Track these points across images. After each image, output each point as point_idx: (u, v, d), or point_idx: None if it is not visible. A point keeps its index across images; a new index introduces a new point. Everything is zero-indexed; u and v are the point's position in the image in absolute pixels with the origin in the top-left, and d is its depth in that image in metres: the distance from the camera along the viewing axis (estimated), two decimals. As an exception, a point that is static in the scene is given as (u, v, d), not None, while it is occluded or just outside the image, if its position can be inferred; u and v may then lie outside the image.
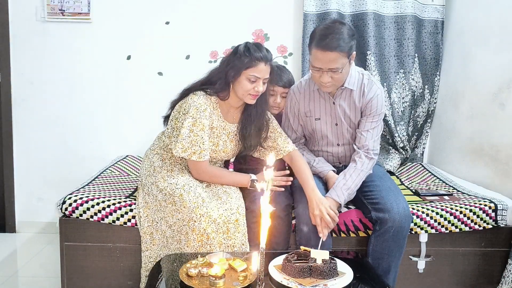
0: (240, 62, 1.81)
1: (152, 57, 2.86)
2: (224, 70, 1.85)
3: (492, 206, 2.01)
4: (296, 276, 1.42)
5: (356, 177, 1.91)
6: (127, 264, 1.99)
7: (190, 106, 1.82)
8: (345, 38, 1.77)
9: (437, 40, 2.83)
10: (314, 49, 1.80)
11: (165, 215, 1.81)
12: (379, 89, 1.95)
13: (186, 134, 1.80)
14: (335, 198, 1.87)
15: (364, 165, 1.94)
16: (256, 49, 1.82)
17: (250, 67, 1.80)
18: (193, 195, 1.77)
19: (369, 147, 1.96)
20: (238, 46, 1.85)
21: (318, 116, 2.03)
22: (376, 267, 1.82)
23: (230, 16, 2.82)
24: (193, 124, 1.80)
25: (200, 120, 1.80)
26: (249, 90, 1.82)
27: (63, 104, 2.89)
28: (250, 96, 1.84)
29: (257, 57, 1.80)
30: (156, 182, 1.86)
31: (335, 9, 2.72)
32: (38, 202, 2.96)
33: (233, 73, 1.82)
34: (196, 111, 1.80)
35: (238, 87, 1.83)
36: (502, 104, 2.24)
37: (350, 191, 1.90)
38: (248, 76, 1.80)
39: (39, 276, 2.37)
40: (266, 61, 1.82)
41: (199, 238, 1.72)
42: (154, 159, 1.95)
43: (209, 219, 1.73)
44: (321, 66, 1.80)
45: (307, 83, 2.04)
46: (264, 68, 1.82)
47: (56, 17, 2.80)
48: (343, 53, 1.77)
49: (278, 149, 2.00)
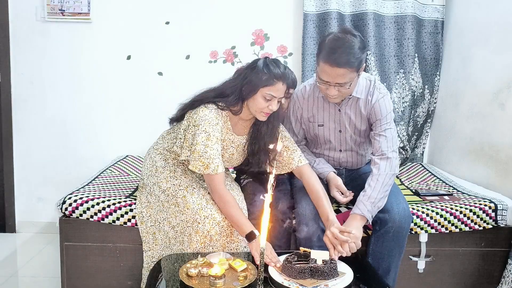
0: (257, 78, 1.73)
1: (152, 57, 2.86)
2: (240, 85, 1.77)
3: (492, 206, 2.01)
4: (297, 277, 1.43)
5: (375, 184, 1.77)
6: (127, 264, 1.99)
7: (201, 119, 1.74)
8: (356, 53, 1.68)
9: (437, 40, 2.83)
10: (322, 63, 1.71)
11: (168, 216, 1.80)
12: (380, 94, 1.89)
13: (203, 150, 1.72)
14: (357, 212, 1.73)
15: (380, 168, 1.81)
16: (276, 66, 1.75)
17: (267, 86, 1.72)
18: (197, 197, 1.76)
19: (383, 149, 1.84)
20: (257, 61, 1.78)
21: (321, 122, 1.98)
22: (376, 267, 1.82)
23: (230, 16, 2.82)
24: (207, 139, 1.73)
25: (214, 134, 1.74)
26: (263, 108, 1.75)
27: (63, 104, 2.89)
28: (263, 114, 1.77)
29: (276, 76, 1.72)
30: (159, 182, 1.84)
31: (335, 9, 2.72)
32: (38, 202, 2.97)
33: (249, 89, 1.74)
34: (209, 125, 1.73)
35: (252, 103, 1.76)
36: (502, 104, 2.24)
37: (373, 200, 1.74)
38: (264, 94, 1.73)
39: (39, 276, 2.37)
40: (284, 80, 1.75)
41: (202, 240, 1.71)
42: (156, 159, 1.91)
43: (213, 221, 1.72)
44: (328, 80, 1.73)
45: (312, 89, 1.97)
46: (281, 87, 1.74)
47: (56, 17, 2.80)
48: (352, 69, 1.69)
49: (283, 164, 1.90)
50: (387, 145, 1.86)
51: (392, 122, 1.91)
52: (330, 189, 1.93)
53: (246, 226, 1.68)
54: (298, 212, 1.87)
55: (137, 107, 2.91)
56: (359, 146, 2.04)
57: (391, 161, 1.83)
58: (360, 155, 2.07)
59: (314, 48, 2.76)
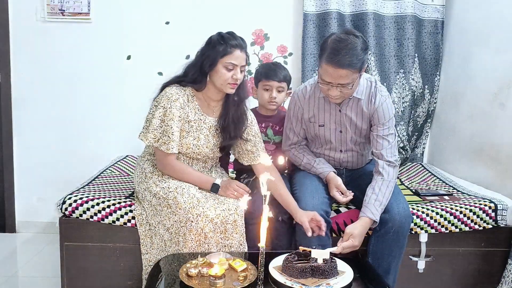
0: (215, 51, 1.79)
1: (152, 57, 2.86)
2: (199, 61, 1.83)
3: (492, 206, 2.01)
4: (298, 277, 1.42)
5: (386, 189, 1.82)
6: (127, 264, 1.99)
7: (161, 97, 1.83)
8: (358, 54, 1.69)
9: (437, 40, 2.83)
10: (324, 64, 1.72)
11: (162, 218, 1.80)
12: (383, 97, 1.89)
13: (158, 124, 1.80)
14: (370, 216, 1.76)
15: (390, 175, 1.86)
16: (230, 37, 1.80)
17: (226, 55, 1.78)
18: (187, 196, 1.76)
19: (389, 156, 1.88)
20: (211, 36, 1.84)
21: (322, 123, 1.99)
22: (376, 267, 1.81)
23: (230, 16, 2.82)
24: (164, 114, 1.80)
25: (171, 110, 1.79)
26: (228, 79, 1.79)
27: (63, 104, 2.89)
28: (229, 85, 1.81)
29: (232, 45, 1.78)
30: (149, 188, 1.85)
31: (335, 9, 2.72)
32: (38, 202, 2.96)
33: (209, 63, 1.79)
34: (167, 101, 1.80)
35: (216, 77, 1.81)
36: (502, 104, 2.24)
37: (382, 206, 1.79)
38: (225, 64, 1.78)
39: (39, 276, 2.37)
40: (242, 48, 1.80)
41: (197, 238, 1.72)
42: (145, 166, 1.94)
43: (206, 218, 1.73)
44: (331, 80, 1.74)
45: (313, 89, 1.97)
46: (240, 55, 1.79)
47: (56, 17, 2.80)
48: (354, 70, 1.71)
49: (255, 154, 1.97)
50: (391, 151, 1.90)
51: (393, 127, 1.94)
52: (330, 189, 1.93)
53: (209, 180, 1.86)
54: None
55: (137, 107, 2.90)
56: (359, 147, 2.04)
57: (397, 170, 1.91)
58: (360, 155, 2.07)
59: (314, 48, 2.76)
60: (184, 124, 1.85)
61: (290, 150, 2.10)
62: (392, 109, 1.92)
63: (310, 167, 2.03)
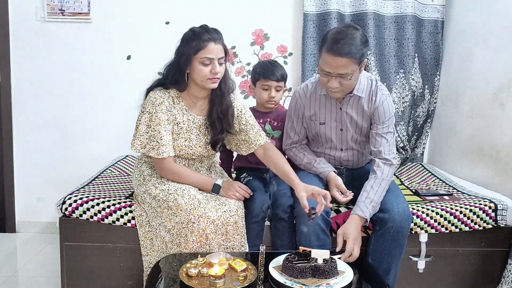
0: (188, 48, 1.75)
1: (152, 57, 2.86)
2: (176, 61, 1.80)
3: (492, 206, 2.01)
4: (298, 277, 1.43)
5: (378, 188, 1.82)
6: (127, 264, 1.99)
7: (146, 102, 1.82)
8: (358, 45, 1.71)
9: (437, 40, 2.83)
10: (324, 53, 1.74)
11: (163, 220, 1.79)
12: (384, 95, 1.90)
13: (144, 130, 1.79)
14: (359, 213, 1.77)
15: (384, 173, 1.86)
16: (202, 31, 1.76)
17: (199, 50, 1.74)
18: (188, 198, 1.75)
19: (386, 154, 1.89)
20: (184, 33, 1.80)
21: (323, 121, 1.99)
22: (376, 267, 1.82)
23: (230, 16, 2.82)
24: (149, 120, 1.79)
25: (157, 115, 1.77)
26: (206, 75, 1.76)
27: (63, 104, 2.89)
28: (209, 81, 1.77)
29: (204, 39, 1.74)
30: (148, 190, 1.83)
31: (335, 9, 2.72)
32: (38, 202, 2.97)
33: (184, 60, 1.76)
34: (152, 106, 1.79)
35: (194, 74, 1.78)
36: (502, 104, 2.24)
37: (374, 204, 1.79)
38: (200, 60, 1.74)
39: (39, 276, 2.37)
40: (216, 40, 1.76)
41: (198, 239, 1.71)
42: (143, 168, 1.93)
43: (207, 219, 1.72)
44: (330, 70, 1.75)
45: (314, 87, 1.99)
46: (215, 47, 1.75)
47: (56, 17, 2.80)
48: (354, 60, 1.72)
49: (250, 142, 1.94)
50: (389, 149, 1.91)
51: (393, 126, 1.95)
52: (330, 189, 1.93)
53: (208, 183, 1.85)
54: (298, 212, 1.87)
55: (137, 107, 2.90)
56: (360, 145, 2.04)
57: (393, 168, 1.91)
58: (361, 154, 2.08)
59: (314, 48, 2.76)
60: (174, 127, 1.84)
61: (290, 149, 2.11)
62: (393, 108, 1.93)
63: (310, 167, 2.03)
